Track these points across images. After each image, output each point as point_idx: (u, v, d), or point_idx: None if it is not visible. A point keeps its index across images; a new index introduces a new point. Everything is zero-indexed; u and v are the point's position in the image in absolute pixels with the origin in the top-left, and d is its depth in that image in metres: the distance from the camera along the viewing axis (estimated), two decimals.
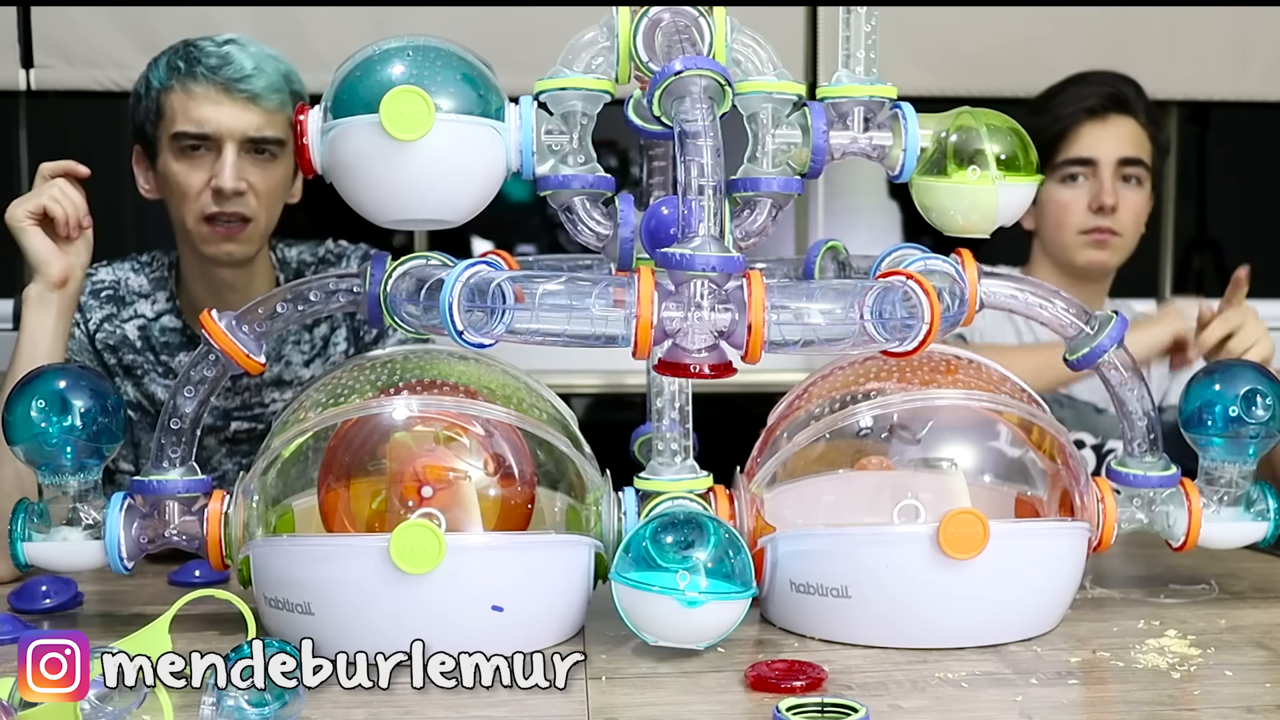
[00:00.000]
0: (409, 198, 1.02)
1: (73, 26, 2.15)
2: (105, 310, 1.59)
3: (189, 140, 1.48)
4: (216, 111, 1.47)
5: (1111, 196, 1.79)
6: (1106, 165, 1.80)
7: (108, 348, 1.58)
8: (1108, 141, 1.81)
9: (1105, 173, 1.80)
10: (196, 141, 1.48)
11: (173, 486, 1.09)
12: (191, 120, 1.48)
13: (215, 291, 1.57)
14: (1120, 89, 1.84)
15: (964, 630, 1.06)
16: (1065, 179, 1.82)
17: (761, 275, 0.96)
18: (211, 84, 1.48)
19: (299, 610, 1.02)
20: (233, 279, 1.57)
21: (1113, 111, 1.82)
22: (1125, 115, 1.82)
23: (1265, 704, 0.92)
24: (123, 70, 2.16)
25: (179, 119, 1.49)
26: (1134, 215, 1.82)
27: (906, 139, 1.07)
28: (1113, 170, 1.80)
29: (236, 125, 1.47)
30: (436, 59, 1.02)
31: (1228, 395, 1.15)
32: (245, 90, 1.47)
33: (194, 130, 1.48)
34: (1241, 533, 1.17)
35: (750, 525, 1.11)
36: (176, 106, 1.49)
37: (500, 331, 0.95)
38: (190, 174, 1.49)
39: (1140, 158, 1.81)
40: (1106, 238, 1.80)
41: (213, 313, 1.09)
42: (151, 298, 1.61)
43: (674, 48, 1.02)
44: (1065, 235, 1.83)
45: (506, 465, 1.08)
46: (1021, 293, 1.13)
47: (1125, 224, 1.81)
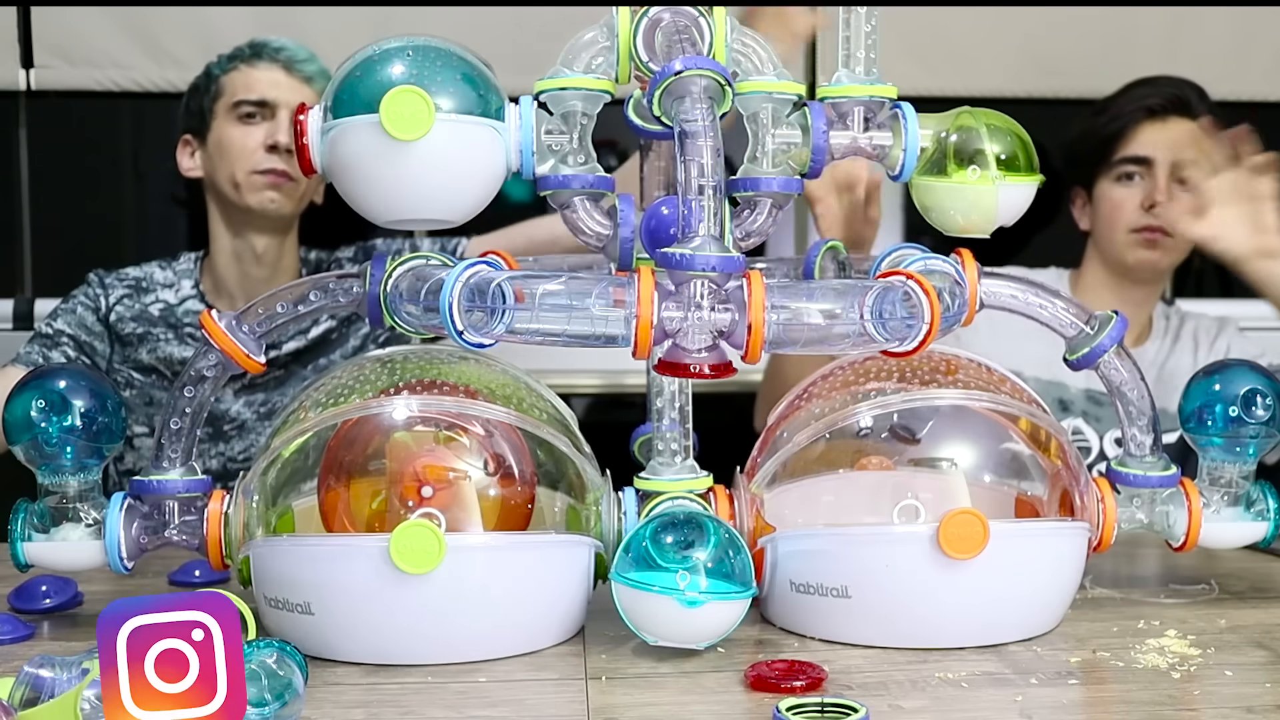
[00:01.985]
0: (409, 198, 1.02)
1: (73, 26, 2.16)
2: (125, 292, 1.76)
3: (249, 107, 1.72)
4: (275, 85, 1.73)
5: (1165, 195, 1.78)
6: (1162, 165, 1.79)
7: (121, 319, 1.74)
8: (1165, 141, 1.80)
9: (1160, 172, 1.79)
10: (254, 110, 1.72)
11: (173, 486, 1.09)
12: (255, 90, 1.72)
13: (243, 269, 1.76)
14: (1184, 92, 1.83)
15: (964, 630, 1.06)
16: (1121, 178, 1.82)
17: (761, 275, 0.96)
18: (275, 63, 1.74)
19: (299, 610, 1.02)
20: (262, 250, 1.75)
21: (1173, 114, 1.81)
22: (1186, 118, 1.81)
23: (1265, 704, 0.92)
24: (123, 70, 2.16)
25: (240, 90, 1.73)
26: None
27: (906, 139, 1.07)
28: (1168, 170, 1.79)
29: (292, 96, 1.72)
30: (436, 59, 1.02)
31: (1228, 395, 1.15)
32: (302, 71, 1.74)
33: (255, 98, 1.72)
34: (1241, 533, 1.17)
35: (750, 525, 1.11)
36: (238, 81, 1.73)
37: (500, 331, 0.95)
38: (247, 137, 1.72)
39: (1196, 161, 1.77)
40: (1158, 237, 1.79)
41: (213, 313, 1.09)
42: (176, 286, 1.78)
43: (674, 48, 1.02)
44: (1117, 234, 1.82)
45: (506, 465, 1.08)
46: (1022, 293, 1.13)
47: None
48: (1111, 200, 1.82)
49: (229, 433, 1.76)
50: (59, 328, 1.73)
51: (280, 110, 1.72)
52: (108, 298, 1.75)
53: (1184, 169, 1.79)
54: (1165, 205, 1.78)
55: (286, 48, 1.76)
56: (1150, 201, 1.79)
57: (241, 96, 1.73)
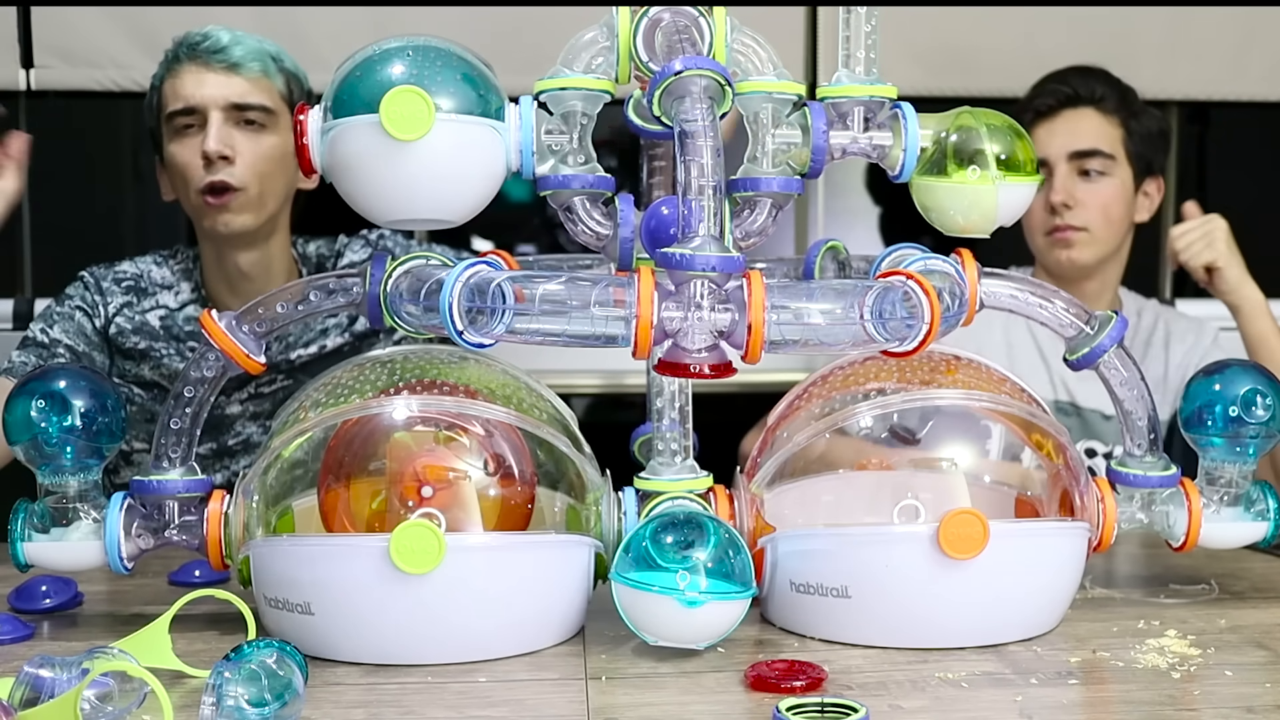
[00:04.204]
0: (409, 198, 1.02)
1: (73, 26, 2.16)
2: (124, 299, 1.62)
3: (181, 118, 1.53)
4: (199, 84, 1.52)
5: (1061, 193, 1.77)
6: (1058, 162, 1.78)
7: (122, 332, 1.60)
8: (1056, 138, 1.79)
9: (1057, 170, 1.78)
10: (188, 119, 1.53)
11: (173, 486, 1.09)
12: (180, 98, 1.53)
13: (231, 281, 1.60)
14: (1069, 84, 1.81)
15: (964, 630, 1.06)
16: None
17: (761, 275, 0.96)
18: (194, 60, 1.54)
19: (299, 610, 1.02)
20: (247, 266, 1.59)
21: (1063, 108, 1.80)
22: (1079, 108, 1.80)
23: (1265, 704, 0.92)
24: (123, 70, 2.16)
25: (170, 100, 1.54)
26: (1100, 208, 1.79)
27: (906, 139, 1.07)
28: (1065, 166, 1.78)
29: (219, 93, 1.52)
30: (436, 59, 1.02)
31: (1228, 395, 1.15)
32: (223, 59, 1.53)
33: (182, 106, 1.53)
34: (1241, 533, 1.17)
35: (750, 525, 1.11)
36: (167, 91, 1.55)
37: (500, 331, 0.96)
38: (184, 151, 1.53)
39: (1097, 148, 1.79)
40: (1069, 235, 1.78)
41: (212, 313, 1.09)
42: (175, 289, 1.64)
43: (674, 48, 1.02)
44: (1035, 239, 1.83)
45: (506, 465, 1.08)
46: (1021, 293, 1.13)
47: (1090, 218, 1.78)
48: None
49: (234, 448, 1.66)
50: (55, 336, 1.58)
51: (211, 112, 1.52)
52: (106, 307, 1.60)
53: (1085, 160, 1.78)
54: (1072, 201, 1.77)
55: (208, 37, 1.54)
56: (1050, 203, 1.77)
57: (171, 107, 1.54)
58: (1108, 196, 1.80)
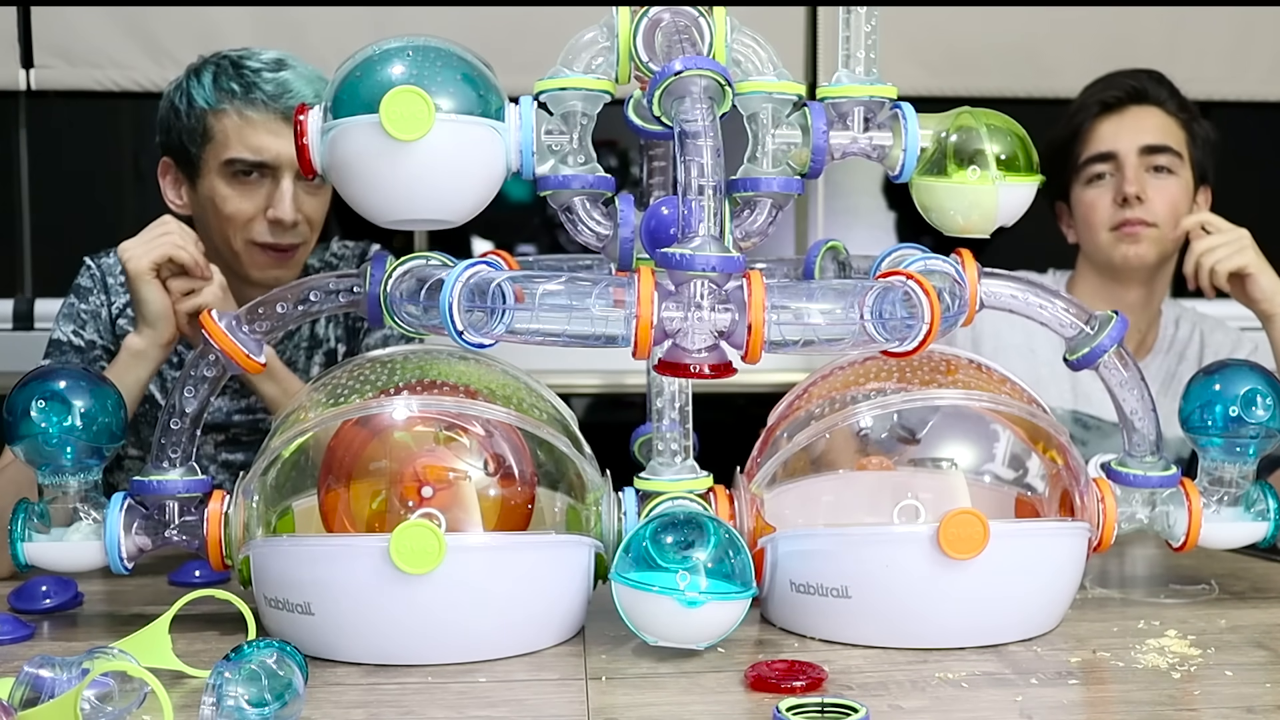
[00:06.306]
0: (409, 198, 1.02)
1: (73, 26, 2.16)
2: (126, 298, 1.57)
3: (243, 167, 1.47)
4: (275, 141, 1.46)
5: (1134, 185, 1.73)
6: (1128, 155, 1.75)
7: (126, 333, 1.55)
8: (1126, 132, 1.76)
9: (1128, 162, 1.74)
10: (250, 168, 1.47)
11: (173, 486, 1.09)
12: (250, 148, 1.46)
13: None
14: (1138, 80, 1.78)
15: (964, 630, 1.06)
16: (1090, 180, 1.77)
17: (761, 275, 0.96)
18: (271, 112, 1.46)
19: (299, 610, 1.02)
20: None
21: (1130, 103, 1.77)
22: (1146, 105, 1.77)
23: (1265, 704, 0.92)
24: (123, 70, 2.16)
25: (234, 145, 1.46)
26: (1168, 204, 1.75)
27: (906, 139, 1.07)
28: (1136, 160, 1.74)
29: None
30: (436, 59, 1.02)
31: (1228, 395, 1.15)
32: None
33: (252, 158, 1.46)
34: (1241, 533, 1.17)
35: (750, 525, 1.11)
36: (231, 132, 1.46)
37: (500, 331, 0.95)
38: (243, 201, 1.48)
39: (1167, 144, 1.75)
40: (1138, 230, 1.74)
41: (213, 313, 1.09)
42: None
43: (674, 48, 1.02)
44: (1097, 235, 1.78)
45: (506, 465, 1.08)
46: (1022, 293, 1.13)
47: (1159, 213, 1.74)
48: (1085, 203, 1.77)
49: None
50: (90, 338, 1.55)
51: (284, 174, 1.46)
52: (111, 306, 1.57)
53: (1154, 156, 1.75)
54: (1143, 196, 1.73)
55: (287, 89, 1.46)
56: (1122, 195, 1.73)
57: (235, 154, 1.46)
58: (1175, 195, 1.76)
